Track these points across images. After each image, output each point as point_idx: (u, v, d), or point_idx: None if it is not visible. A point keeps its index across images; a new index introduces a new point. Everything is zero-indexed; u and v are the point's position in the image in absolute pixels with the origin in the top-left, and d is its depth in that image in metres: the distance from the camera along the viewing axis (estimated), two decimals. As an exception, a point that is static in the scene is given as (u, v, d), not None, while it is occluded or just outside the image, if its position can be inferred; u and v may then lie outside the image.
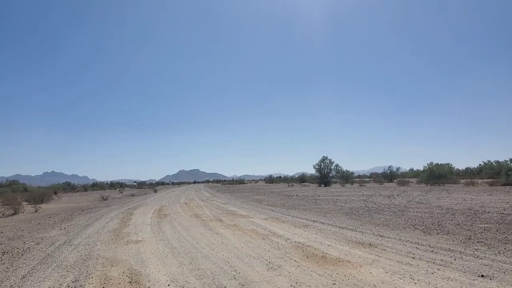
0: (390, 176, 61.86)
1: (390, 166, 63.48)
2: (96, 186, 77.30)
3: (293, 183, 66.61)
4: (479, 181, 36.83)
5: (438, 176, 37.11)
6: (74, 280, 5.20)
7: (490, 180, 34.38)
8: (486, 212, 11.74)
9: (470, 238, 7.50)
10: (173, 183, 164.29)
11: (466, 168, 64.59)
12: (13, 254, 7.27)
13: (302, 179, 71.78)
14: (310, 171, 71.54)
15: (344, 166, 64.64)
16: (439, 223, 9.66)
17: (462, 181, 37.68)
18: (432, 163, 42.03)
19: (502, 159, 40.08)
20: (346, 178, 53.59)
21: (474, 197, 18.12)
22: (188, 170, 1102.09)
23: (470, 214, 11.25)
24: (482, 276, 4.81)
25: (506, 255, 5.94)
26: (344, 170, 54.39)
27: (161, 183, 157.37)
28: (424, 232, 8.48)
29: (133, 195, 37.99)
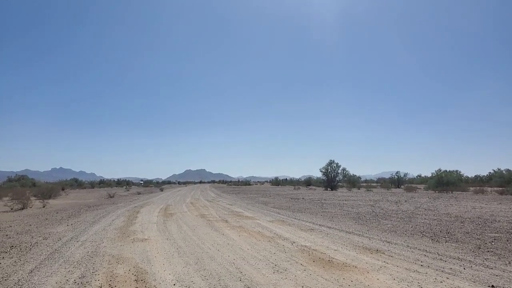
0: (397, 181, 61.11)
1: (397, 172, 62.67)
2: (103, 183, 77.93)
3: (299, 186, 66.34)
4: (489, 189, 36.29)
5: (446, 183, 36.64)
6: (80, 276, 5.23)
7: (500, 188, 33.83)
8: (496, 221, 11.53)
9: (480, 247, 7.37)
10: (179, 183, 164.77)
11: (475, 175, 63.62)
12: (21, 248, 7.35)
13: (308, 182, 71.41)
14: (317, 175, 71.13)
15: (351, 171, 64.03)
16: (448, 231, 9.51)
17: (471, 189, 37.10)
18: (440, 170, 41.58)
19: (512, 168, 39.42)
20: (353, 182, 53.25)
21: (483, 205, 17.81)
22: (194, 170, 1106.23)
23: (480, 223, 11.06)
24: (492, 286, 4.72)
25: (517, 266, 5.81)
26: (351, 174, 54.10)
27: (167, 182, 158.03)
28: (432, 239, 8.35)
29: (139, 193, 38.22)
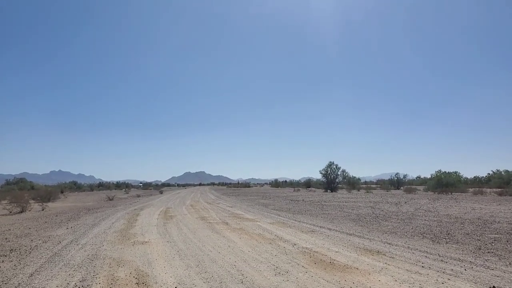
0: (397, 183, 61.20)
1: (397, 173, 62.84)
2: (102, 186, 77.88)
3: (299, 188, 66.37)
4: (488, 190, 36.35)
5: (446, 184, 36.70)
6: (81, 279, 5.21)
7: (499, 189, 33.89)
8: (495, 222, 11.54)
9: (480, 248, 7.37)
10: (178, 185, 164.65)
11: (474, 177, 63.76)
12: (20, 252, 7.32)
13: (308, 184, 71.50)
14: (316, 176, 71.33)
15: (350, 172, 64.23)
16: (448, 232, 9.52)
17: (471, 190, 37.18)
18: (440, 171, 41.61)
19: (511, 169, 39.52)
20: (353, 184, 53.26)
21: (483, 206, 17.83)
22: (193, 172, 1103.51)
23: (480, 224, 11.07)
24: (493, 287, 4.72)
25: (518, 267, 5.82)
26: (350, 176, 54.09)
27: (166, 185, 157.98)
28: (432, 240, 8.35)
29: (139, 196, 38.15)
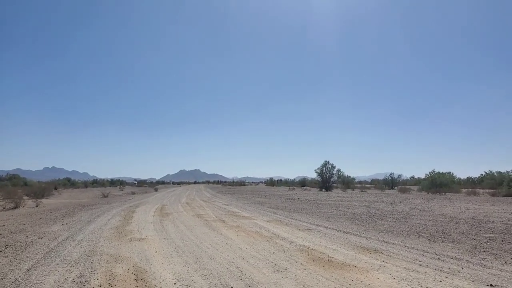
0: (391, 183, 61.58)
1: (391, 173, 63.23)
2: (96, 183, 77.19)
3: (294, 187, 66.56)
4: (481, 191, 36.75)
5: (439, 184, 37.02)
6: (79, 275, 5.17)
7: (492, 190, 34.29)
8: (490, 222, 11.67)
9: (476, 247, 7.45)
10: (173, 183, 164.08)
11: (467, 177, 64.32)
12: (16, 248, 7.24)
13: (303, 183, 71.68)
14: (311, 175, 71.58)
15: (345, 171, 64.39)
16: (444, 231, 9.60)
17: (464, 190, 37.58)
18: (434, 171, 41.94)
19: (503, 170, 40.02)
20: (348, 183, 53.47)
21: (477, 206, 18.02)
22: (188, 170, 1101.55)
23: (474, 224, 11.19)
24: (491, 285, 4.77)
25: (514, 266, 5.88)
26: (345, 175, 54.31)
27: (161, 182, 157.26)
28: (429, 239, 8.42)
29: (133, 193, 37.96)
